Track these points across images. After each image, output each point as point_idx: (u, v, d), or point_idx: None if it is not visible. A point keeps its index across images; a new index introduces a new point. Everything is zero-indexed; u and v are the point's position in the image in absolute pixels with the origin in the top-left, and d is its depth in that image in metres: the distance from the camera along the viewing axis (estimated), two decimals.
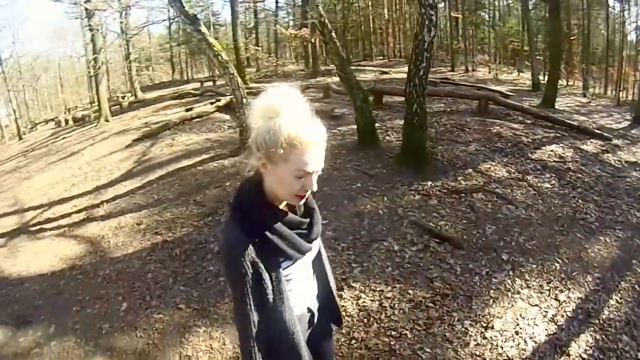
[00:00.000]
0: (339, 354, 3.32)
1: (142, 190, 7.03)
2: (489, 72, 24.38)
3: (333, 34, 7.48)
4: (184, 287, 4.23)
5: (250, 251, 1.71)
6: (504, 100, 11.45)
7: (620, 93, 19.54)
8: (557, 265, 4.52)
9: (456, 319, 3.65)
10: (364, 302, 3.80)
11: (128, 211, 6.33)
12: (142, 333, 3.67)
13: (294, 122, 1.64)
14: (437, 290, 3.92)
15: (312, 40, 20.45)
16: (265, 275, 1.78)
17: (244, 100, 7.86)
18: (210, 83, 22.24)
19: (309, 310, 2.14)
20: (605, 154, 8.55)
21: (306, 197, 1.76)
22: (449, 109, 10.91)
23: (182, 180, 7.04)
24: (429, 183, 6.06)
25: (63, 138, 15.54)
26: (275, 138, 1.62)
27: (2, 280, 5.10)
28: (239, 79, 8.07)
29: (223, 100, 11.82)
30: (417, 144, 6.85)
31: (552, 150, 7.82)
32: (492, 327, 3.65)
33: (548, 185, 6.34)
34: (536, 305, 4.02)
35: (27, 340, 3.85)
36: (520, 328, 3.72)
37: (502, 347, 3.47)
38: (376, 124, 7.87)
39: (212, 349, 3.43)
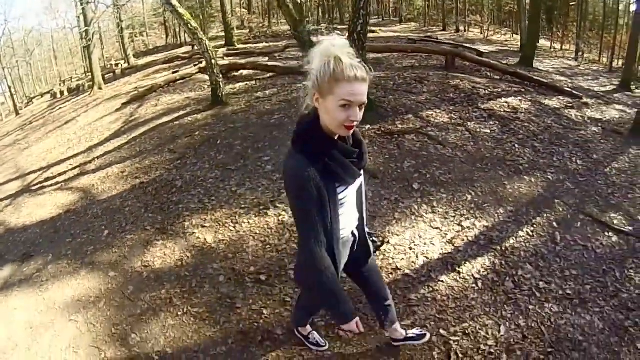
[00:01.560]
0: (256, 258, 4.09)
1: (127, 145, 7.79)
2: (481, 33, 24.26)
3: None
4: (152, 214, 5.10)
5: (315, 176, 1.98)
6: (471, 56, 11.62)
7: (616, 60, 19.35)
8: (468, 196, 5.04)
9: None
10: (283, 218, 4.57)
11: (115, 163, 7.13)
12: (117, 249, 4.56)
13: (340, 61, 1.91)
14: None
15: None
16: (326, 198, 2.06)
17: (213, 61, 8.56)
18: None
19: (353, 234, 2.48)
20: (567, 110, 8.87)
21: (353, 127, 1.98)
22: (417, 65, 11.21)
23: (160, 134, 7.80)
24: (367, 126, 6.58)
25: (59, 109, 16.05)
26: (325, 74, 1.91)
27: (9, 230, 5.88)
28: (207, 43, 8.78)
29: (204, 63, 12.36)
30: None
31: (506, 102, 8.11)
32: (388, 242, 4.25)
33: (487, 131, 6.72)
34: (437, 228, 4.53)
35: (30, 269, 4.66)
36: (416, 245, 4.25)
37: (392, 259, 4.05)
38: None
39: (165, 255, 4.30)
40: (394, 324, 3.01)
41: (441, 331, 3.35)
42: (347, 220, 2.32)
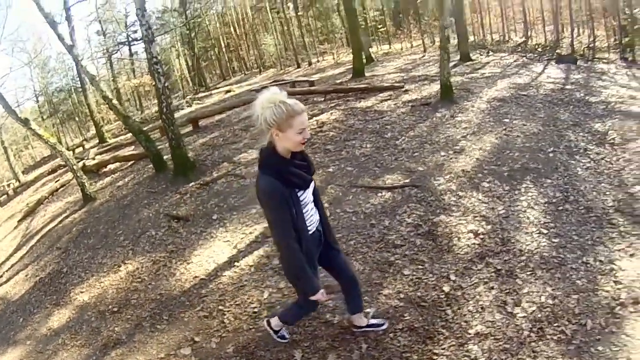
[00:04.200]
0: (113, 299, 5.74)
1: (27, 254, 9.17)
2: (333, 59, 25.71)
3: (114, 101, 9.91)
4: (50, 296, 6.61)
5: (281, 188, 2.56)
6: (300, 89, 13.71)
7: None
8: (253, 210, 6.66)
9: (174, 262, 6.02)
10: (128, 269, 6.37)
11: (20, 270, 8.38)
12: (29, 326, 6.06)
13: (286, 102, 2.49)
14: (171, 250, 6.42)
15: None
16: (291, 203, 2.63)
17: (75, 167, 10.11)
18: (80, 149, 23.68)
19: (318, 230, 3.02)
20: (382, 103, 10.60)
21: (305, 143, 2.59)
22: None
23: (49, 237, 9.31)
24: (191, 184, 8.50)
25: None
26: (282, 114, 2.47)
27: None
28: (67, 153, 10.50)
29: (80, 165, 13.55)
30: (180, 159, 9.23)
31: (316, 120, 9.87)
32: (192, 262, 5.86)
33: None
34: (227, 240, 6.08)
35: None
36: (211, 257, 5.78)
37: (194, 272, 5.59)
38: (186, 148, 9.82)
39: (59, 318, 5.93)
40: (360, 313, 3.65)
41: (219, 307, 4.71)
42: (310, 219, 2.88)
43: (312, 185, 2.87)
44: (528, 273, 4.35)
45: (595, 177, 6.22)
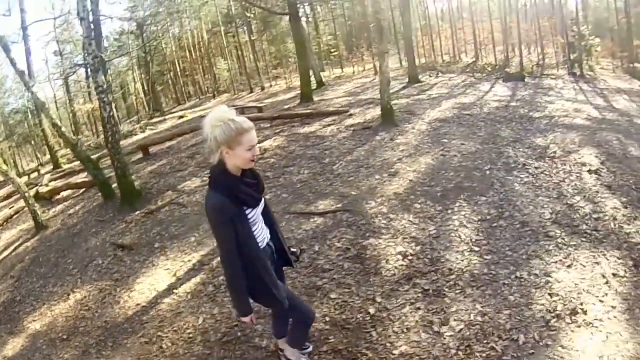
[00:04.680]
0: (62, 327, 6.06)
1: None
2: (285, 84, 26.34)
3: (63, 129, 10.32)
4: (4, 325, 6.79)
5: (230, 206, 2.60)
6: (248, 115, 13.99)
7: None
8: (192, 238, 7.01)
9: (119, 290, 6.26)
10: (80, 295, 6.74)
11: None
12: None
13: (235, 120, 2.54)
14: (116, 278, 6.74)
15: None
16: (239, 220, 2.65)
17: (26, 195, 10.31)
18: (36, 173, 23.43)
19: (269, 245, 3.04)
20: (325, 128, 11.07)
21: (255, 160, 2.62)
22: (200, 141, 12.89)
23: (4, 266, 9.26)
24: (137, 212, 8.82)
25: None
26: (230, 132, 2.51)
27: None
28: (18, 181, 10.78)
29: (32, 192, 13.44)
30: (126, 188, 9.51)
31: (258, 148, 10.46)
32: (135, 290, 6.10)
33: None
34: (168, 269, 6.37)
35: None
36: (152, 285, 6.06)
37: (137, 300, 5.82)
38: (132, 176, 10.16)
39: (14, 347, 6.11)
40: (285, 337, 3.65)
41: (158, 332, 4.95)
42: (261, 235, 2.91)
43: (262, 203, 2.92)
44: (457, 292, 4.45)
45: (533, 191, 6.44)
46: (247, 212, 2.75)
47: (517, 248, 5.06)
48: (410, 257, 5.18)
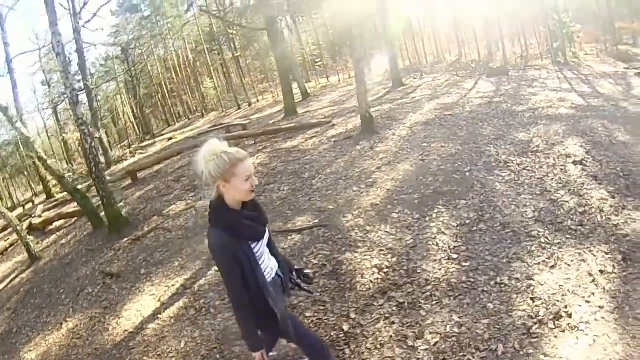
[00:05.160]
0: (57, 356, 6.37)
1: None
2: (272, 98, 26.22)
3: (49, 162, 10.63)
4: (1, 356, 7.21)
5: (231, 243, 2.54)
6: (232, 134, 14.26)
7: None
8: (176, 263, 7.13)
9: (108, 318, 6.43)
10: (72, 324, 6.98)
11: None
12: None
13: (228, 152, 2.50)
14: (105, 306, 6.92)
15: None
16: (244, 256, 2.58)
17: (18, 228, 10.50)
18: (30, 204, 23.62)
19: (278, 275, 2.96)
20: (308, 141, 11.10)
21: (254, 190, 2.55)
22: (186, 164, 13.35)
23: (0, 298, 9.71)
24: (124, 239, 9.01)
25: None
26: (225, 165, 2.47)
27: None
28: (10, 215, 11.03)
29: (25, 225, 13.60)
30: (113, 216, 9.74)
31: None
32: (122, 316, 6.24)
33: (204, 203, 8.56)
34: (153, 294, 6.48)
35: None
36: (138, 311, 6.17)
37: (124, 326, 5.97)
38: (119, 204, 10.55)
39: None
40: None
41: (144, 358, 5.08)
42: (268, 266, 2.84)
43: (266, 235, 2.83)
44: (433, 303, 4.36)
45: (515, 190, 6.32)
46: (252, 245, 2.68)
47: (497, 252, 4.98)
48: (386, 270, 5.15)
